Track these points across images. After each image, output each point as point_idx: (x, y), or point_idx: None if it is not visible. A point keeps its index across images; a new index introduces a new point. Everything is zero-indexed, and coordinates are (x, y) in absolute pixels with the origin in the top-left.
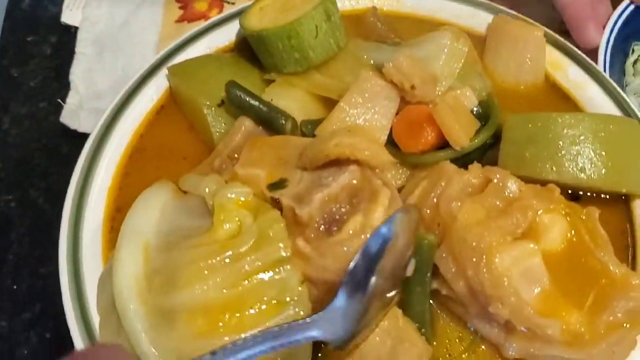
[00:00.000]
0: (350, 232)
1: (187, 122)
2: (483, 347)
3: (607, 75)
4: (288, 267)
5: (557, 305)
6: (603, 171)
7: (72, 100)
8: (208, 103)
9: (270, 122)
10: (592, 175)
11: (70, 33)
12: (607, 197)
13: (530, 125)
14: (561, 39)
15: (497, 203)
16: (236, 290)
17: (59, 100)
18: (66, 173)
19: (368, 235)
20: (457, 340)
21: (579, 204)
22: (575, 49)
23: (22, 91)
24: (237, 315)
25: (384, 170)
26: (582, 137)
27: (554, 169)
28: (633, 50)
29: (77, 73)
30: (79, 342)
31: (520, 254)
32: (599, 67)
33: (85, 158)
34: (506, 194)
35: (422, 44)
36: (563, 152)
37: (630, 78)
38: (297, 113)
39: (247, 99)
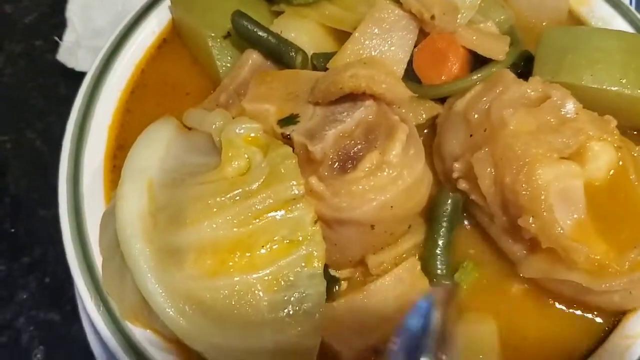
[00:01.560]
0: (367, 169)
1: (190, 56)
2: None
3: (633, 9)
4: (301, 205)
5: (588, 233)
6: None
7: (69, 37)
8: (213, 35)
9: (279, 55)
10: (629, 83)
11: None
12: None
13: (568, 35)
14: None
15: (551, 120)
16: (246, 228)
17: (56, 38)
18: (64, 113)
19: (386, 173)
20: None
21: None
22: None
23: (16, 28)
24: (248, 254)
25: (402, 105)
26: (619, 49)
27: (592, 75)
28: None
29: (74, 9)
30: (81, 284)
31: (563, 173)
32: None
33: (83, 96)
34: (562, 112)
35: None
36: (601, 60)
37: None
38: (307, 46)
39: (255, 30)
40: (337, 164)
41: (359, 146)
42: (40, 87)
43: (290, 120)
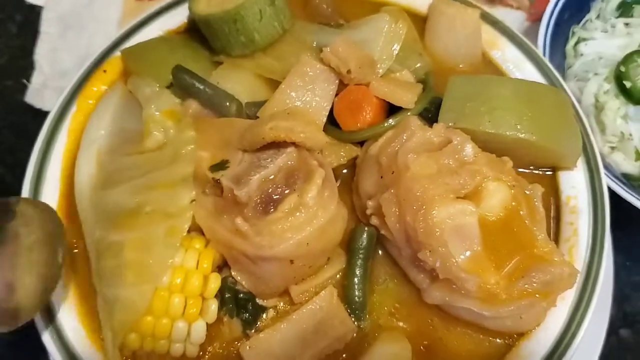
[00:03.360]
0: (286, 210)
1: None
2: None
3: (541, 55)
4: (186, 187)
5: (481, 265)
6: (533, 126)
7: (36, 79)
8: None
9: (215, 105)
10: (523, 128)
11: (35, 12)
12: (538, 172)
13: (470, 84)
14: (499, 19)
15: (451, 162)
16: (142, 196)
17: (24, 80)
18: (32, 150)
19: (302, 214)
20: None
21: None
22: (512, 30)
23: None
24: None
25: (322, 150)
26: (515, 97)
27: (490, 122)
28: (573, 33)
29: (42, 53)
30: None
31: (458, 212)
32: (539, 51)
33: (42, 139)
34: (462, 155)
35: (362, 27)
36: (498, 107)
37: (572, 60)
38: (243, 95)
39: (194, 82)
40: (260, 205)
41: (280, 189)
42: (11, 125)
43: (220, 166)
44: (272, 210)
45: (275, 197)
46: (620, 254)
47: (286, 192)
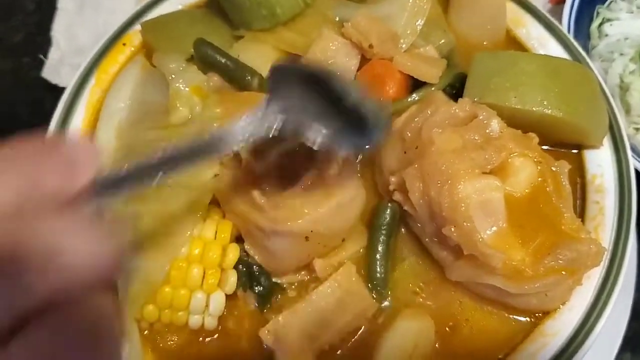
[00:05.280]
0: (304, 186)
1: None
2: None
3: (570, 33)
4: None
5: (506, 241)
6: (559, 102)
7: (53, 55)
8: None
9: (237, 78)
10: (550, 104)
11: None
12: (564, 150)
13: (496, 60)
14: None
15: (476, 138)
16: None
17: (41, 56)
18: (48, 126)
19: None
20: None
21: None
22: (537, 7)
23: (5, 47)
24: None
25: None
26: (541, 73)
27: (515, 97)
28: (597, 13)
29: (59, 29)
30: None
31: (484, 187)
32: (564, 29)
33: (60, 113)
34: (487, 131)
35: (385, 1)
36: (524, 83)
37: (596, 41)
38: (263, 69)
39: (215, 56)
40: (278, 180)
41: (300, 164)
42: (27, 102)
43: None
44: (290, 185)
45: (294, 172)
46: None
47: (306, 168)
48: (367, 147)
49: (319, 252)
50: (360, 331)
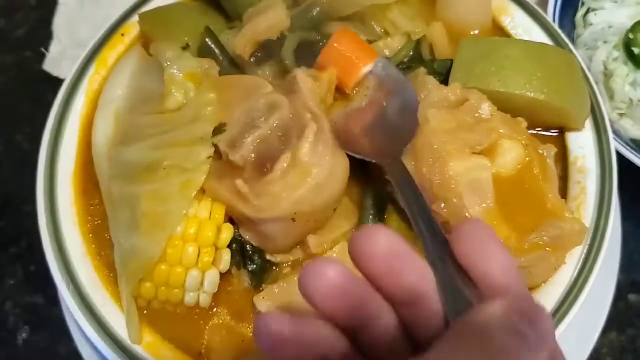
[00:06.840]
0: (280, 170)
1: None
2: None
3: (555, 21)
4: (204, 145)
5: (493, 218)
6: (542, 85)
7: (54, 49)
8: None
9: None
10: (532, 87)
11: None
12: (547, 133)
13: (481, 46)
14: None
15: (469, 119)
16: (160, 152)
17: (43, 49)
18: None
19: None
20: None
21: None
22: None
23: (8, 41)
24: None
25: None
26: (524, 57)
27: (499, 81)
28: (582, 3)
29: (60, 23)
30: (57, 275)
31: (473, 166)
32: (548, 18)
33: (60, 100)
34: (478, 113)
35: None
36: (507, 67)
37: (581, 30)
38: None
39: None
40: (257, 167)
41: (275, 148)
42: (29, 95)
43: (218, 130)
44: (267, 171)
45: (270, 157)
46: (628, 221)
47: (280, 151)
48: None
49: (311, 227)
50: None
